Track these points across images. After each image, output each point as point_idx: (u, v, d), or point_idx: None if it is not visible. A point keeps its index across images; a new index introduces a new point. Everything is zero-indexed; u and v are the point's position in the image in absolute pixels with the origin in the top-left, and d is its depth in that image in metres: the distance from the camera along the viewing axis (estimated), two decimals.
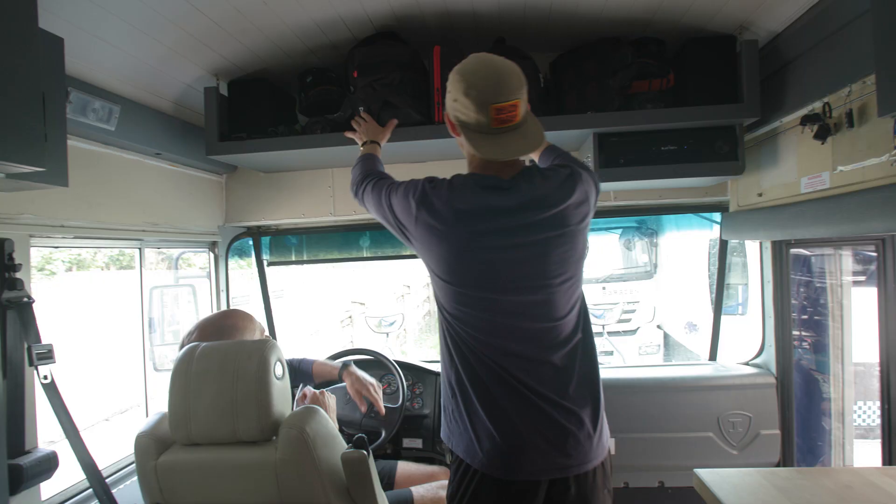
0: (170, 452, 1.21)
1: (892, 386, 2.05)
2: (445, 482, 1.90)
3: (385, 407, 2.16)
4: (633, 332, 7.46)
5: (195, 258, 3.11)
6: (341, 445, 1.29)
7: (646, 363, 2.51)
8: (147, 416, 2.20)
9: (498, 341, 1.27)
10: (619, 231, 7.61)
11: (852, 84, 1.42)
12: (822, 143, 1.56)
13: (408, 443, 2.37)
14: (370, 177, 1.56)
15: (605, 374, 2.37)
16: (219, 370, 1.19)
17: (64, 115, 1.41)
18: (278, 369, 1.23)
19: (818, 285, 2.37)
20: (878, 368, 2.10)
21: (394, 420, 2.14)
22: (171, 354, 2.65)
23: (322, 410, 1.26)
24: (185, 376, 1.21)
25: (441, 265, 1.29)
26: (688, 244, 6.19)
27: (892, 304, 2.07)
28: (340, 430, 2.20)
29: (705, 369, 2.36)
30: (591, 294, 7.37)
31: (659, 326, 7.56)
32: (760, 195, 2.00)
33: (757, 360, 2.32)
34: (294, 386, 2.23)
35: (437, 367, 2.49)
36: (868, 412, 2.85)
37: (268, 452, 1.17)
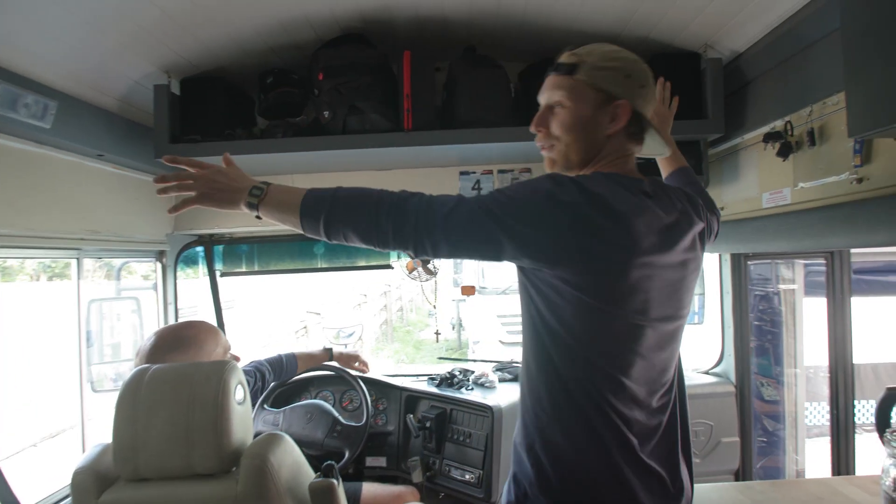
0: (113, 490, 1.08)
1: (839, 388, 2.15)
2: None
3: (347, 426, 2.07)
4: None
5: (138, 267, 2.90)
6: (308, 474, 1.20)
7: None
8: (84, 442, 2.01)
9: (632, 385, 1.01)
10: None
11: (813, 104, 1.48)
12: (784, 161, 1.61)
13: (371, 461, 2.27)
14: (423, 200, 1.06)
15: None
16: (172, 395, 1.08)
17: None
18: (239, 393, 1.13)
19: (772, 295, 2.46)
20: (826, 372, 2.20)
21: (358, 439, 2.04)
22: (110, 373, 2.45)
23: (287, 438, 1.16)
24: (133, 403, 1.08)
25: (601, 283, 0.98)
26: None
27: (840, 312, 2.18)
28: (301, 451, 2.11)
29: None
30: None
31: None
32: (722, 209, 2.05)
33: (717, 370, 2.38)
34: (284, 380, 2.17)
35: (399, 381, 2.41)
36: (815, 412, 3.00)
37: (227, 486, 1.06)
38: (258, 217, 1.12)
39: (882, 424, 1.13)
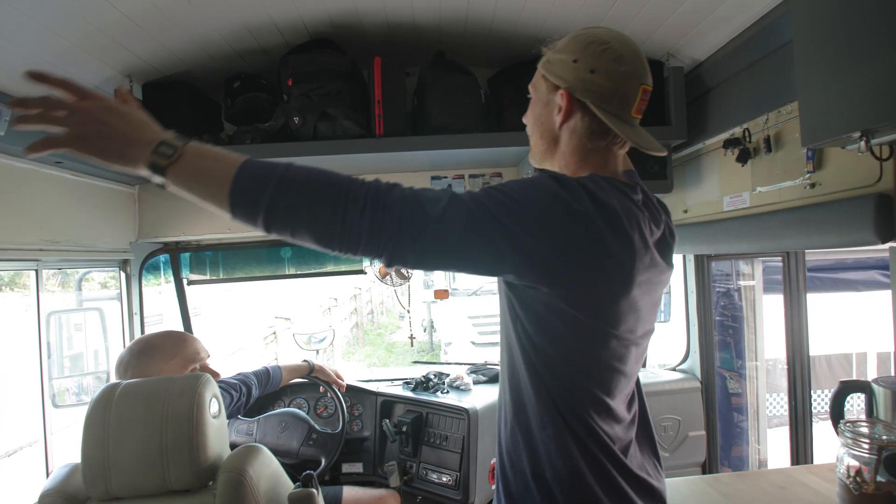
0: None
1: (797, 380, 2.26)
2: None
3: (323, 433, 2.05)
4: None
5: (97, 276, 2.79)
6: (286, 485, 1.19)
7: None
8: (47, 459, 1.93)
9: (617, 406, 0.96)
10: None
11: (769, 112, 1.55)
12: (743, 166, 1.68)
13: (348, 468, 2.26)
14: (407, 194, 0.84)
15: None
16: (145, 412, 1.05)
17: None
18: (213, 406, 1.11)
19: (733, 291, 2.57)
20: (784, 365, 2.30)
21: (334, 446, 2.03)
22: (72, 387, 2.35)
23: (265, 449, 1.15)
24: (103, 420, 1.05)
25: (602, 301, 0.90)
26: None
27: (796, 308, 2.29)
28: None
29: None
30: None
31: None
32: (686, 212, 2.13)
33: (683, 366, 2.47)
34: (278, 398, 2.21)
35: (374, 387, 2.40)
36: (776, 403, 3.14)
37: (204, 501, 1.04)
38: (161, 186, 0.85)
39: (836, 416, 1.20)
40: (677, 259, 2.50)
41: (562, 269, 0.84)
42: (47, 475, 1.86)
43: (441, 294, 2.74)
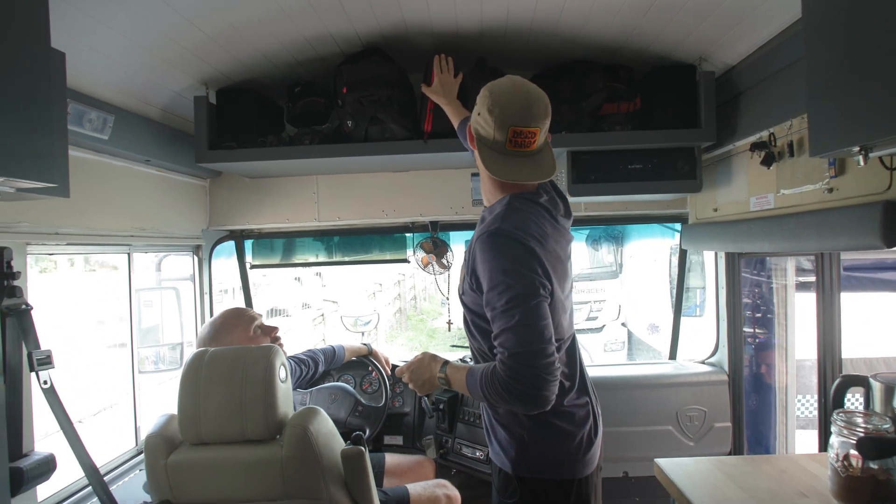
0: (179, 451, 1.29)
1: (827, 380, 2.29)
2: (441, 481, 2.04)
3: (368, 406, 2.27)
4: (599, 329, 7.76)
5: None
6: (339, 443, 1.40)
7: (612, 362, 2.70)
8: (136, 416, 2.25)
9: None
10: (587, 231, 7.90)
11: (793, 118, 1.62)
12: (768, 169, 1.75)
13: (389, 440, 2.48)
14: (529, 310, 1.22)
15: None
16: (228, 374, 1.28)
17: (65, 128, 1.46)
18: (282, 373, 1.33)
19: (765, 289, 2.60)
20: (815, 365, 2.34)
21: (378, 418, 2.25)
22: (152, 357, 2.68)
23: (323, 411, 1.36)
24: (195, 380, 1.29)
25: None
26: (651, 247, 6.50)
27: (828, 308, 2.31)
28: None
29: (666, 368, 2.56)
30: None
31: (623, 324, 7.88)
32: (716, 210, 2.19)
33: (712, 359, 2.54)
34: (332, 371, 2.47)
35: None
36: (807, 405, 3.13)
37: (274, 450, 1.27)
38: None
39: (835, 407, 1.29)
40: (709, 256, 2.56)
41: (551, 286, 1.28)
42: (136, 427, 2.17)
43: None
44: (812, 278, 2.45)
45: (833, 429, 1.20)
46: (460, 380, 1.36)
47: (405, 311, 12.64)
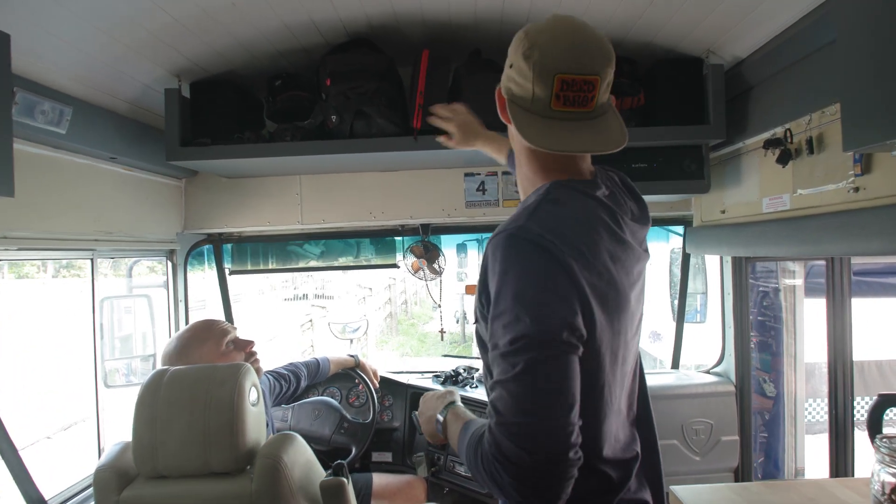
0: (134, 486, 1.13)
1: (838, 387, 2.19)
2: None
3: (354, 423, 2.12)
4: None
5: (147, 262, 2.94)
6: (319, 473, 1.25)
7: None
8: (99, 435, 2.07)
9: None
10: None
11: (812, 113, 1.50)
12: (784, 167, 1.63)
13: (377, 457, 2.33)
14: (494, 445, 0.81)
15: None
16: (190, 397, 1.12)
17: (9, 119, 1.30)
18: (253, 395, 1.17)
19: (773, 293, 2.49)
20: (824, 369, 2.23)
21: (364, 436, 2.10)
22: (122, 369, 2.50)
23: (299, 437, 1.21)
24: (153, 404, 1.13)
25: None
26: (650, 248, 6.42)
27: (839, 312, 2.21)
28: (309, 446, 2.16)
29: (669, 378, 2.43)
30: None
31: None
32: (723, 212, 2.08)
33: (717, 369, 2.42)
34: (316, 384, 2.29)
35: (405, 379, 2.46)
36: (817, 409, 3.02)
37: (242, 484, 1.11)
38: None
39: (873, 429, 1.17)
40: (713, 260, 2.44)
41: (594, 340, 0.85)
42: (99, 448, 2.00)
43: (471, 289, 2.76)
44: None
45: (876, 456, 1.07)
46: (454, 433, 1.00)
47: (396, 316, 12.47)
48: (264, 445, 1.16)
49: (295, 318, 8.53)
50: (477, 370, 2.46)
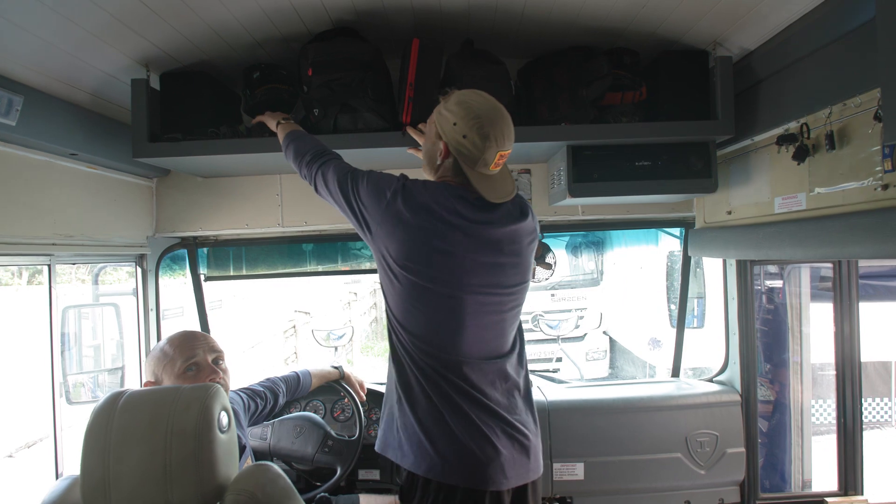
0: None
1: (846, 393, 2.11)
2: None
3: (339, 440, 1.97)
4: (581, 338, 7.57)
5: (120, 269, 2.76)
6: None
7: (608, 381, 2.46)
8: (56, 458, 1.89)
9: (452, 344, 1.34)
10: (566, 238, 7.73)
11: (833, 105, 1.40)
12: (799, 164, 1.53)
13: (364, 475, 2.17)
14: (327, 154, 1.56)
15: (567, 393, 2.32)
16: (148, 425, 0.97)
17: None
18: (223, 420, 1.02)
19: (776, 298, 2.40)
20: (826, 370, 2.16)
21: (350, 455, 1.95)
22: (88, 384, 2.32)
23: (275, 467, 1.06)
24: (105, 434, 0.97)
25: (405, 253, 1.34)
26: (636, 253, 6.36)
27: (847, 317, 2.13)
28: (291, 466, 2.00)
29: (669, 387, 2.32)
30: (542, 301, 7.42)
31: (605, 332, 7.72)
32: (730, 213, 1.98)
33: (721, 377, 2.32)
34: (295, 400, 2.16)
35: None
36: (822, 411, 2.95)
37: None
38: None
39: None
40: (716, 263, 2.34)
41: (370, 221, 1.40)
42: (56, 472, 1.82)
43: None
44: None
45: None
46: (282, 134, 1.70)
47: (382, 321, 12.26)
48: (235, 479, 1.01)
49: (277, 324, 8.30)
50: None
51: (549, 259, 2.31)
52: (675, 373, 2.53)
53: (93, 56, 1.62)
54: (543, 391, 2.30)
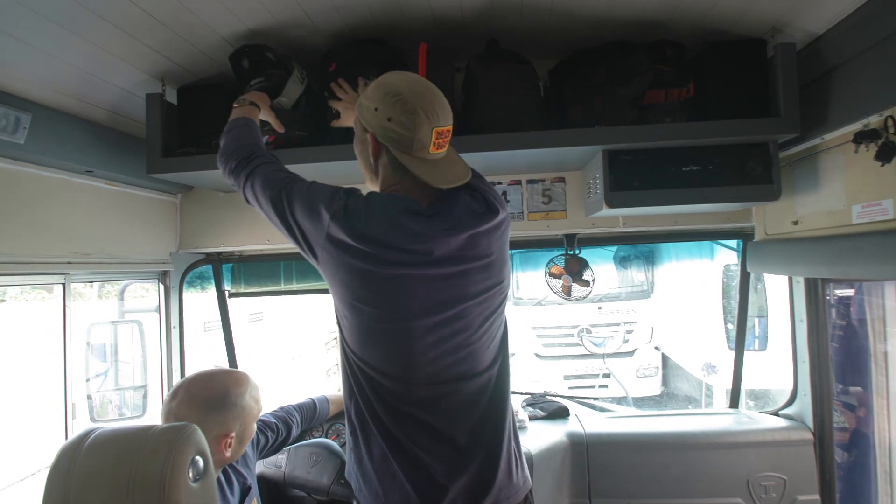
0: None
1: None
2: None
3: None
4: (631, 353, 7.17)
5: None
6: None
7: (658, 412, 2.22)
8: None
9: (411, 373, 1.17)
10: (614, 248, 7.37)
11: None
12: (884, 166, 1.29)
13: None
14: (258, 157, 1.32)
15: (609, 425, 2.11)
16: (111, 472, 0.87)
17: None
18: (197, 466, 0.91)
19: (854, 321, 2.09)
20: None
21: None
22: (115, 400, 2.31)
23: None
24: (66, 478, 0.88)
25: (350, 288, 1.16)
26: (688, 265, 5.95)
27: None
28: (309, 494, 1.89)
29: (727, 420, 2.05)
30: (588, 314, 7.08)
31: (657, 348, 7.28)
32: (796, 223, 1.72)
33: (789, 411, 2.03)
34: (312, 429, 2.02)
35: None
36: None
37: None
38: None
39: None
40: (782, 280, 2.06)
41: (314, 248, 1.19)
42: None
43: None
44: None
45: None
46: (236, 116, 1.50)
47: None
48: None
49: (319, 336, 8.34)
50: None
51: (586, 276, 2.11)
52: (734, 402, 2.24)
53: (106, 72, 1.59)
54: (582, 421, 2.09)
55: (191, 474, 0.89)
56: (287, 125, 1.65)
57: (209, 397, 1.26)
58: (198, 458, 0.91)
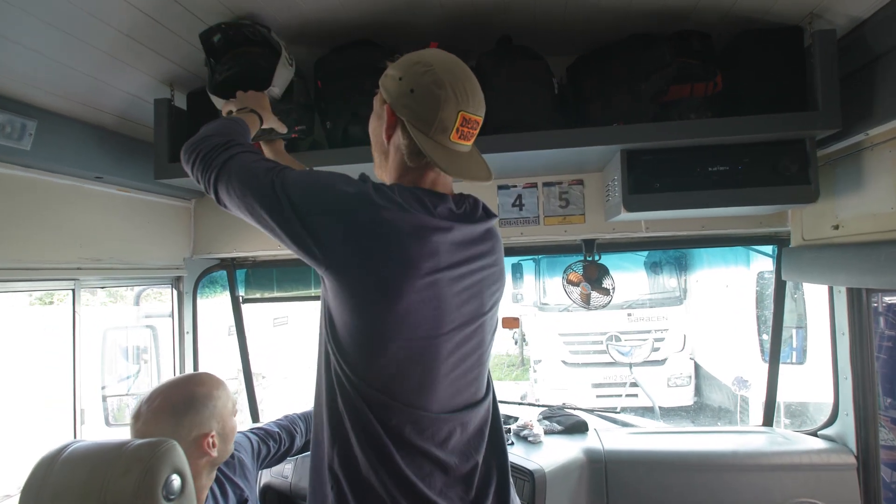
0: None
1: None
2: None
3: None
4: (662, 362, 6.92)
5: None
6: None
7: (684, 428, 2.07)
8: None
9: (423, 400, 0.99)
10: (645, 253, 7.14)
11: None
12: None
13: None
14: (238, 145, 1.11)
15: (630, 441, 1.99)
16: (81, 491, 0.83)
17: None
18: (174, 485, 0.86)
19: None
20: None
21: None
22: (132, 405, 2.33)
23: None
24: (38, 494, 0.84)
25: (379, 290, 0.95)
26: (721, 271, 5.70)
27: None
28: None
29: (760, 440, 1.91)
30: (617, 321, 6.87)
31: (690, 357, 7.00)
32: (836, 228, 1.57)
33: (829, 431, 1.87)
34: None
35: None
36: None
37: None
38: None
39: None
40: (821, 288, 1.91)
41: (320, 240, 0.95)
42: None
43: (510, 323, 2.37)
44: None
45: None
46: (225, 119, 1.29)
47: None
48: None
49: None
50: (514, 420, 2.05)
51: (606, 284, 2.00)
52: (768, 420, 2.08)
53: (114, 77, 1.59)
54: (601, 436, 1.98)
55: (165, 494, 0.84)
56: (283, 121, 1.51)
57: (175, 404, 1.19)
58: (174, 476, 0.86)
